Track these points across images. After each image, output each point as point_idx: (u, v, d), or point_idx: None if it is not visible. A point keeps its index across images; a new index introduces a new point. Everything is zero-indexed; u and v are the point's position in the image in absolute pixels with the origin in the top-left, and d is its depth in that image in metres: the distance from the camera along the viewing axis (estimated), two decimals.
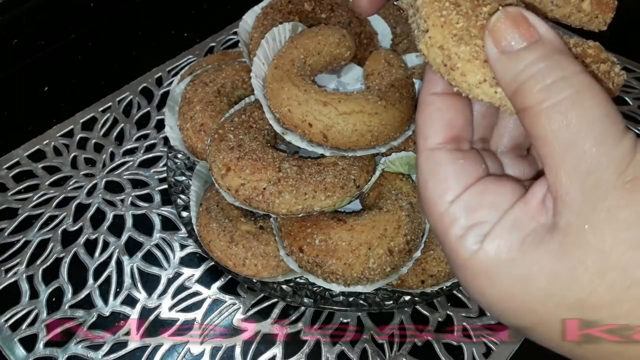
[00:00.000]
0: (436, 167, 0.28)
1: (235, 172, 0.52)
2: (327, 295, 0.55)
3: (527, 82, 0.24)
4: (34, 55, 0.85)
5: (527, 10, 0.25)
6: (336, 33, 0.56)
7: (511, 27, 0.25)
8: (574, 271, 0.23)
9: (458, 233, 0.26)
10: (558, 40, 0.25)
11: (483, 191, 0.27)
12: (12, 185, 0.69)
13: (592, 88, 0.23)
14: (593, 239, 0.22)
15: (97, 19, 0.90)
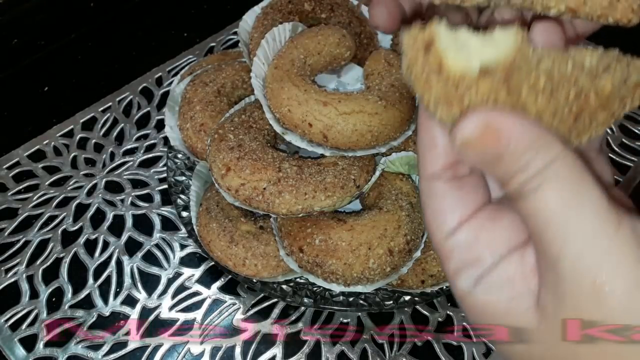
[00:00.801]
0: (433, 199, 0.28)
1: (235, 172, 0.52)
2: (327, 295, 0.55)
3: (514, 178, 0.25)
4: (34, 55, 0.85)
5: (492, 111, 0.25)
6: (336, 33, 0.56)
7: (478, 146, 0.25)
8: (547, 351, 0.24)
9: (453, 267, 0.27)
10: (530, 134, 0.25)
11: (480, 228, 0.27)
12: (12, 185, 0.69)
13: (584, 181, 0.24)
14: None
15: (97, 19, 0.90)
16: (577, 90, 0.26)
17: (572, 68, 0.26)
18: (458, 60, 0.25)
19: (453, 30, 0.26)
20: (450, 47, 0.26)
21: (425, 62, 0.25)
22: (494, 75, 0.25)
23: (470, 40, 0.26)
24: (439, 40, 0.26)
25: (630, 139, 0.73)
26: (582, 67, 0.27)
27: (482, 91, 0.25)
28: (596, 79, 0.27)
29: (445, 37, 0.26)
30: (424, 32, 0.26)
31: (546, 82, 0.26)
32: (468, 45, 0.26)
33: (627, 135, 0.74)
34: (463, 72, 0.25)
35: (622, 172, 0.69)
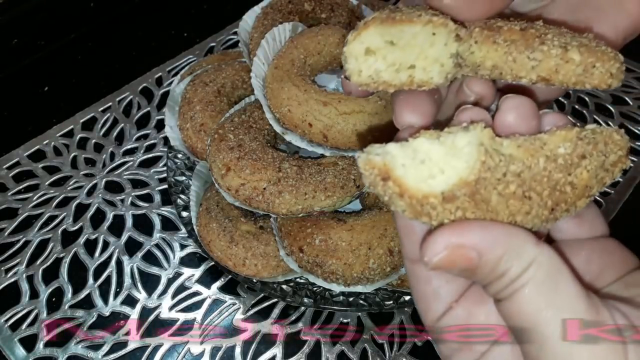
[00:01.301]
0: (419, 282, 0.29)
1: (235, 172, 0.52)
2: (327, 295, 0.55)
3: (491, 286, 0.25)
4: (34, 55, 0.85)
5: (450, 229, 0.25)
6: (336, 33, 0.56)
7: (448, 267, 0.25)
8: None
9: (445, 351, 0.28)
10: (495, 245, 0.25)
11: (468, 313, 0.28)
12: (12, 185, 0.69)
13: (561, 281, 0.25)
14: None
15: (97, 19, 0.90)
16: (552, 186, 0.26)
17: (545, 163, 0.26)
18: (419, 184, 0.25)
19: (410, 146, 0.26)
20: (409, 167, 0.25)
21: (386, 188, 0.25)
22: (457, 197, 0.25)
23: (431, 152, 0.25)
24: (395, 167, 0.25)
25: (630, 139, 0.73)
26: (555, 160, 0.26)
27: (448, 208, 0.25)
28: (572, 168, 0.26)
29: (402, 158, 0.25)
30: (379, 161, 0.25)
31: (517, 188, 0.26)
32: (429, 159, 0.25)
33: (627, 135, 0.73)
34: (426, 196, 0.25)
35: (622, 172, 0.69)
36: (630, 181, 0.68)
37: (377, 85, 0.29)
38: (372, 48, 0.28)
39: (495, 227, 0.25)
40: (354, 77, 0.29)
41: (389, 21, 0.27)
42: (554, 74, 0.28)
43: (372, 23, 0.27)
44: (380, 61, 0.28)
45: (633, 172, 0.69)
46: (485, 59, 0.28)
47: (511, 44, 0.28)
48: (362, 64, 0.28)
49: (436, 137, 0.26)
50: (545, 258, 0.25)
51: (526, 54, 0.28)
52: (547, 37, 0.28)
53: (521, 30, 0.28)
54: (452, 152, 0.25)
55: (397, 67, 0.29)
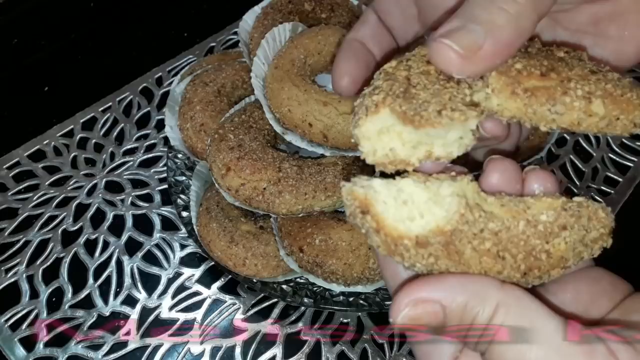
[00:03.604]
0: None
1: (235, 172, 0.52)
2: (327, 295, 0.55)
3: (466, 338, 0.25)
4: (34, 55, 0.85)
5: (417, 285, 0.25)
6: (336, 33, 0.56)
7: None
8: None
9: None
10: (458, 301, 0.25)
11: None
12: (12, 185, 0.69)
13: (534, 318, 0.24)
14: None
15: (97, 19, 0.90)
16: (527, 250, 0.26)
17: (524, 226, 0.26)
18: (396, 223, 0.25)
19: (396, 185, 0.26)
20: (390, 206, 0.25)
21: (364, 221, 0.25)
22: (431, 243, 0.25)
23: (415, 195, 0.26)
24: (375, 203, 0.25)
25: (630, 139, 0.73)
26: (535, 225, 0.26)
27: (420, 253, 0.25)
28: (550, 237, 0.26)
29: (385, 195, 0.25)
30: (361, 194, 0.25)
31: (492, 246, 0.25)
32: (412, 201, 0.25)
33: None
34: (400, 236, 0.25)
35: (622, 172, 0.69)
36: (630, 181, 0.68)
37: (394, 165, 0.27)
38: (385, 127, 0.27)
39: (454, 276, 0.25)
40: (369, 158, 0.27)
41: (407, 121, 0.26)
42: (576, 126, 0.27)
43: (385, 108, 0.26)
44: (396, 140, 0.27)
45: (633, 172, 0.69)
46: (503, 109, 0.27)
47: (532, 95, 0.27)
48: (377, 143, 0.27)
49: (423, 181, 0.26)
50: (511, 299, 0.25)
51: (547, 106, 0.27)
52: (570, 86, 0.27)
53: (542, 76, 0.27)
54: (434, 199, 0.26)
55: (414, 145, 0.27)
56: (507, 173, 0.28)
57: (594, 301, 0.28)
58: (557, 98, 0.27)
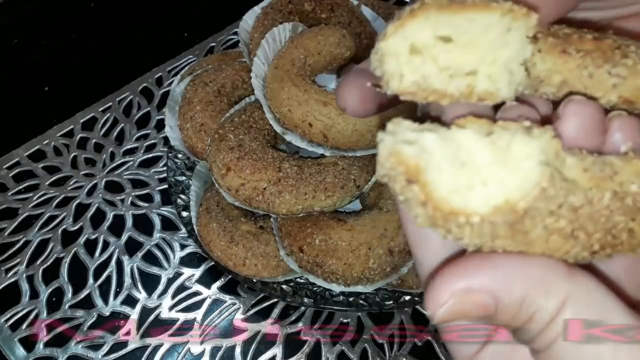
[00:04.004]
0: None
1: (235, 172, 0.52)
2: (327, 295, 0.55)
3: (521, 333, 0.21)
4: (34, 55, 0.85)
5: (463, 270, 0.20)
6: (336, 33, 0.56)
7: (460, 318, 0.21)
8: None
9: None
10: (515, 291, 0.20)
11: (509, 353, 0.23)
12: (12, 185, 0.69)
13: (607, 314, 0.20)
14: None
15: (97, 19, 0.90)
16: (607, 228, 0.21)
17: (610, 200, 0.20)
18: (451, 195, 0.20)
19: (453, 140, 0.20)
20: (445, 171, 0.19)
21: (407, 190, 0.20)
22: (494, 222, 0.20)
23: (477, 153, 0.20)
24: (428, 170, 0.19)
25: None
26: (623, 198, 0.21)
27: (476, 231, 0.20)
28: (638, 214, 0.21)
29: (441, 157, 0.20)
30: (411, 158, 0.19)
31: (567, 224, 0.20)
32: (472, 162, 0.20)
33: None
34: (454, 212, 0.20)
35: None
36: None
37: (426, 95, 0.21)
38: (419, 45, 0.21)
39: (512, 259, 0.20)
40: (394, 82, 0.21)
41: (455, 6, 0.20)
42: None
43: (422, 11, 0.20)
44: (430, 64, 0.21)
45: None
46: (551, 74, 0.22)
47: (586, 55, 0.22)
48: (405, 65, 0.21)
49: (487, 133, 0.20)
50: (582, 293, 0.20)
51: (606, 68, 0.22)
52: (630, 49, 0.22)
53: (595, 40, 0.22)
54: (504, 161, 0.20)
55: (453, 72, 0.22)
56: (590, 119, 0.22)
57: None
58: (616, 60, 0.22)
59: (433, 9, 0.20)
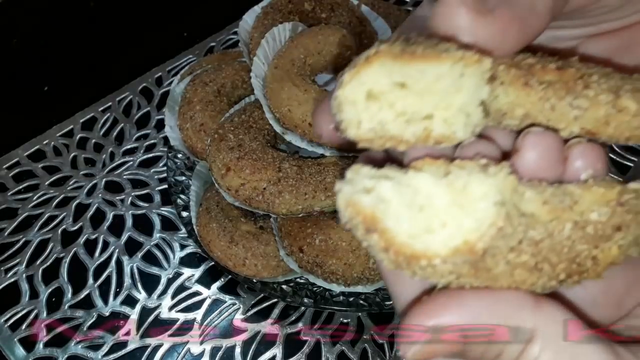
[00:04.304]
0: None
1: (235, 172, 0.52)
2: (327, 295, 0.55)
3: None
4: (34, 55, 0.85)
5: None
6: (336, 33, 0.56)
7: (427, 357, 0.21)
8: None
9: None
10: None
11: None
12: (12, 185, 0.69)
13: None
14: None
15: (97, 19, 0.90)
16: (571, 258, 0.21)
17: (571, 230, 0.21)
18: (411, 240, 0.20)
19: (409, 185, 0.20)
20: (403, 217, 0.20)
21: (368, 238, 0.20)
22: (455, 263, 0.20)
23: (435, 197, 0.20)
24: (386, 219, 0.20)
25: None
26: (584, 227, 0.21)
27: (439, 271, 0.20)
28: (601, 241, 0.21)
29: (397, 204, 0.20)
30: (367, 209, 0.20)
31: (530, 258, 0.21)
32: (430, 205, 0.20)
33: None
34: (416, 256, 0.20)
35: (622, 172, 0.69)
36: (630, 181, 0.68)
37: (383, 142, 0.22)
38: (375, 92, 0.21)
39: (479, 295, 0.21)
40: (352, 130, 0.21)
41: (406, 56, 0.20)
42: (603, 126, 0.22)
43: (377, 58, 0.20)
44: (387, 109, 0.21)
45: (633, 172, 0.69)
46: (513, 106, 0.22)
47: (548, 87, 0.22)
48: (362, 112, 0.21)
49: (444, 174, 0.20)
50: (550, 325, 0.20)
51: (567, 100, 0.22)
52: (593, 79, 0.22)
53: (558, 70, 0.22)
54: (461, 202, 0.20)
55: (409, 117, 0.22)
56: (549, 151, 0.22)
57: (629, 291, 0.24)
58: (578, 91, 0.22)
59: (387, 57, 0.20)
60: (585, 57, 0.27)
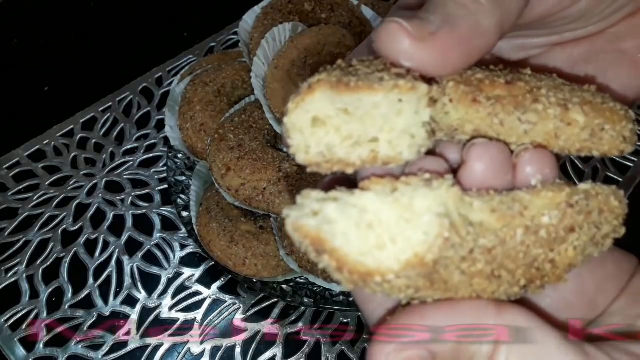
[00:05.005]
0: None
1: (236, 172, 0.52)
2: (327, 295, 0.55)
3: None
4: (34, 55, 0.85)
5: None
6: (336, 33, 0.56)
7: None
8: None
9: None
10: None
11: None
12: (12, 185, 0.69)
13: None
14: None
15: (97, 19, 0.90)
16: (528, 263, 0.21)
17: (523, 236, 0.21)
18: (362, 257, 0.20)
19: (355, 205, 0.20)
20: (351, 235, 0.20)
21: (320, 260, 0.20)
22: (409, 277, 0.20)
23: (382, 214, 0.20)
24: (332, 238, 0.20)
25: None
26: (537, 232, 0.21)
27: (397, 286, 0.21)
28: (555, 243, 0.21)
29: (343, 224, 0.20)
30: (312, 231, 0.20)
31: (485, 266, 0.21)
32: (378, 222, 0.20)
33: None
34: (370, 273, 0.20)
35: (622, 172, 0.69)
36: (630, 181, 0.68)
37: (331, 165, 0.22)
38: (321, 117, 0.22)
39: (441, 307, 0.21)
40: (300, 155, 0.22)
41: (341, 87, 0.21)
42: (553, 139, 0.22)
43: (319, 86, 0.21)
44: (333, 134, 0.22)
45: (633, 172, 0.69)
46: (464, 122, 0.23)
47: (496, 102, 0.22)
48: (310, 137, 0.22)
49: (390, 192, 0.21)
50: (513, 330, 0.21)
51: (516, 115, 0.22)
52: (542, 93, 0.22)
53: (507, 84, 0.23)
54: (408, 217, 0.20)
55: (356, 140, 0.22)
56: (495, 160, 0.23)
57: (600, 290, 0.24)
58: (527, 106, 0.22)
59: (326, 85, 0.21)
60: (539, 68, 0.27)
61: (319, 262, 0.20)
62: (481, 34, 0.23)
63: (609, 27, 0.28)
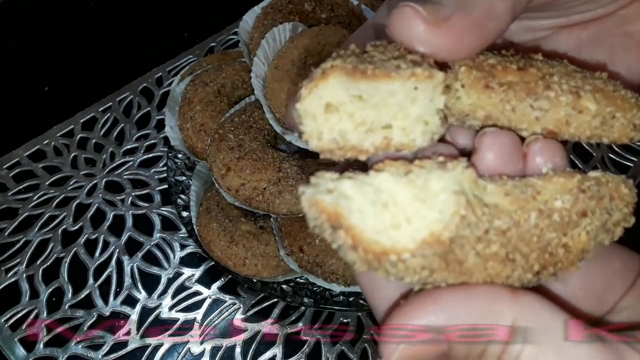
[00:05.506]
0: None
1: (236, 172, 0.52)
2: (327, 295, 0.55)
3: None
4: (34, 55, 0.85)
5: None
6: (337, 33, 0.56)
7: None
8: None
9: None
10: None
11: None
12: (12, 185, 0.69)
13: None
14: None
15: (97, 19, 0.90)
16: (542, 247, 0.21)
17: (537, 219, 0.21)
18: (378, 236, 0.20)
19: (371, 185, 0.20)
20: (367, 214, 0.20)
21: (335, 237, 0.20)
22: (425, 256, 0.20)
23: (397, 194, 0.20)
24: (349, 214, 0.20)
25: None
26: (550, 215, 0.21)
27: (412, 266, 0.20)
28: (569, 227, 0.22)
29: (359, 201, 0.20)
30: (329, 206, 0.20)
31: (500, 249, 0.21)
32: (394, 203, 0.20)
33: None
34: (385, 251, 0.20)
35: (622, 172, 0.69)
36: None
37: (344, 152, 0.22)
38: (334, 103, 0.22)
39: (455, 292, 0.21)
40: (313, 141, 0.22)
41: (357, 75, 0.21)
42: (564, 126, 0.23)
43: (333, 72, 0.21)
44: (346, 120, 0.22)
45: (633, 172, 0.69)
46: (475, 108, 0.23)
47: (508, 88, 0.23)
48: (323, 124, 0.22)
49: (404, 174, 0.21)
50: (529, 314, 0.21)
51: (528, 101, 0.22)
52: (554, 80, 0.23)
53: (519, 70, 0.23)
54: (423, 197, 0.21)
55: (369, 127, 0.22)
56: (506, 149, 0.23)
57: (608, 286, 0.24)
58: (539, 92, 0.22)
59: (341, 72, 0.21)
60: (550, 53, 0.27)
61: (332, 240, 0.20)
62: (495, 18, 0.22)
63: (617, 9, 0.28)
